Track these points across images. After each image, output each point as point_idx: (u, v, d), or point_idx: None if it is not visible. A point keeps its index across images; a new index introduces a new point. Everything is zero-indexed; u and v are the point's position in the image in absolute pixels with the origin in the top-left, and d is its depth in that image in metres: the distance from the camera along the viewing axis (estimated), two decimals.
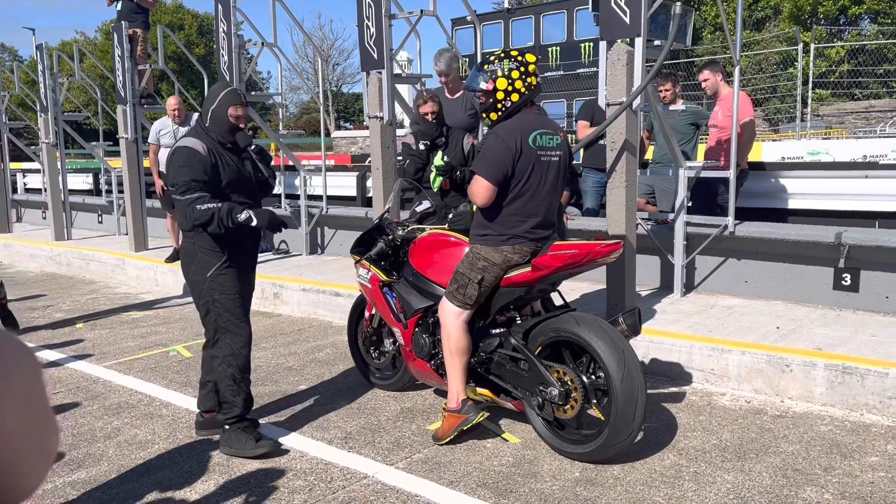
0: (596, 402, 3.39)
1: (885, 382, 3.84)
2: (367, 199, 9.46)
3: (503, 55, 3.50)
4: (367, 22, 6.19)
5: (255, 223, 3.57)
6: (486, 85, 3.47)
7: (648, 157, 7.26)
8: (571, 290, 5.50)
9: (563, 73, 21.26)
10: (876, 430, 3.72)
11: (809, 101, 16.42)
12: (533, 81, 3.47)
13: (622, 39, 4.81)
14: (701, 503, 3.04)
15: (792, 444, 3.58)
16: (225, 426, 3.68)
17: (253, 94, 8.43)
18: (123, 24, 8.70)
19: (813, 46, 17.43)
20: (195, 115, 8.27)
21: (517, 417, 3.87)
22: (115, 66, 8.88)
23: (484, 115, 3.60)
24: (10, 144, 12.04)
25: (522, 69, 3.45)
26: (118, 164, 9.88)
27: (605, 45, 4.87)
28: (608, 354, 3.25)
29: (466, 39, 21.45)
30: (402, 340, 4.09)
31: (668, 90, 6.49)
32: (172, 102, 7.93)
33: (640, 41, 4.67)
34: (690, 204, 5.56)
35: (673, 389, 4.38)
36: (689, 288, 5.77)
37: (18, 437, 0.56)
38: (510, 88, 3.44)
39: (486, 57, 3.61)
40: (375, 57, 6.20)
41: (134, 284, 8.42)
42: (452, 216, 4.08)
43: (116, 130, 9.08)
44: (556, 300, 3.89)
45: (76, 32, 53.14)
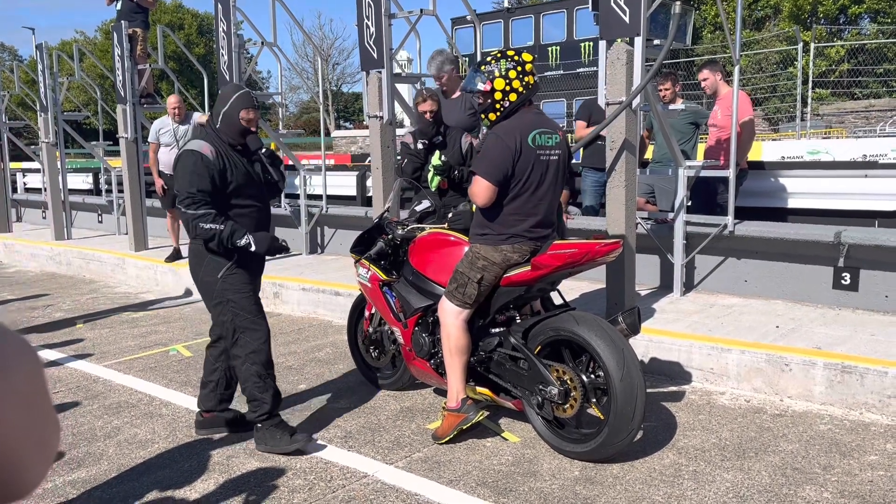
0: (595, 401, 3.40)
1: (884, 381, 3.84)
2: (366, 198, 9.46)
3: (500, 55, 3.50)
4: (366, 21, 6.19)
5: (253, 249, 3.54)
6: (483, 86, 3.47)
7: (648, 156, 7.26)
8: (571, 289, 5.50)
9: (562, 72, 21.25)
10: (875, 428, 3.72)
11: (809, 100, 16.42)
12: (530, 80, 3.48)
13: (622, 39, 4.81)
14: (700, 502, 3.04)
15: (791, 442, 3.59)
16: (257, 424, 3.66)
17: (253, 93, 8.41)
18: (123, 23, 8.70)
19: (813, 46, 17.44)
20: (195, 114, 8.29)
21: (517, 416, 3.88)
22: (114, 65, 8.88)
23: (483, 115, 3.59)
24: (9, 144, 12.04)
25: (520, 68, 3.45)
26: (118, 163, 9.88)
27: (604, 44, 4.87)
28: (608, 353, 3.25)
29: (466, 39, 21.45)
30: (401, 340, 4.09)
31: (667, 89, 6.50)
32: (173, 101, 7.93)
33: (639, 40, 4.67)
34: (690, 203, 5.57)
35: (672, 388, 4.38)
36: (688, 287, 5.78)
37: (20, 433, 0.56)
38: (508, 88, 3.44)
39: (482, 58, 3.61)
40: (375, 56, 6.20)
41: (134, 284, 8.42)
42: (452, 215, 4.08)
43: (116, 130, 9.09)
44: (555, 299, 3.90)
45: (76, 32, 53.15)
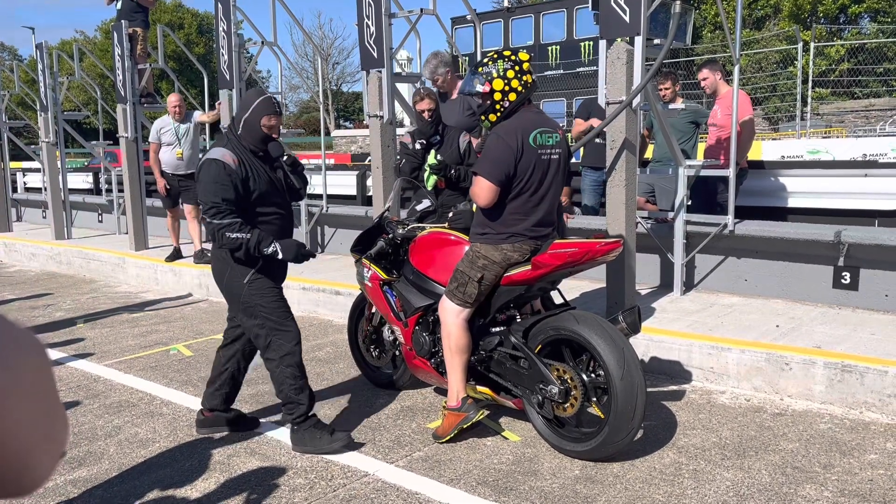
0: (596, 400, 3.40)
1: (884, 380, 3.85)
2: (367, 197, 9.47)
3: (496, 56, 3.50)
4: (366, 21, 6.19)
5: (280, 256, 3.52)
6: (482, 87, 3.47)
7: (648, 155, 7.26)
8: (571, 288, 5.50)
9: (562, 71, 21.26)
10: (875, 427, 3.73)
11: (809, 99, 16.43)
12: (528, 79, 3.48)
13: (622, 38, 4.81)
14: (701, 501, 3.05)
15: (791, 441, 3.59)
16: (294, 426, 3.65)
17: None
18: (123, 22, 8.71)
19: (813, 45, 17.43)
20: (196, 112, 8.29)
21: (517, 415, 3.88)
22: (114, 64, 8.88)
23: (483, 117, 3.58)
24: (9, 143, 12.04)
25: (517, 68, 3.45)
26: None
27: (604, 43, 4.87)
28: (608, 353, 3.26)
29: (466, 38, 21.46)
30: (402, 339, 4.09)
31: (667, 89, 6.50)
32: (173, 100, 7.93)
33: (639, 40, 4.67)
34: (690, 202, 5.57)
35: (672, 387, 4.39)
36: (688, 286, 5.78)
37: (28, 428, 0.57)
38: (507, 88, 3.44)
39: (480, 60, 3.61)
40: (375, 56, 6.21)
41: (134, 283, 8.43)
42: (452, 215, 4.08)
43: (116, 129, 9.09)
44: (555, 298, 3.90)
45: (76, 31, 53.17)
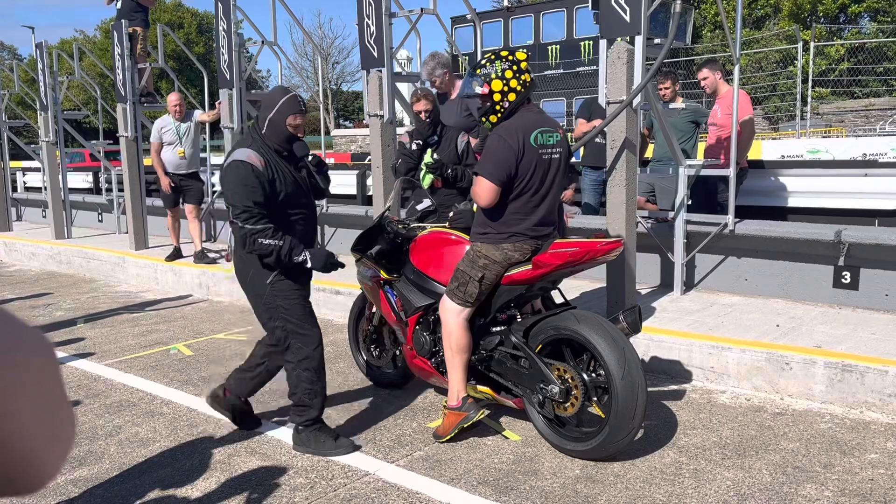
0: (596, 399, 3.40)
1: (884, 380, 3.85)
2: (367, 197, 9.47)
3: (494, 57, 3.50)
4: (367, 20, 6.19)
5: (309, 266, 3.47)
6: (481, 89, 3.48)
7: (648, 155, 7.27)
8: (571, 288, 5.50)
9: (562, 71, 21.26)
10: (875, 427, 3.73)
11: (809, 99, 16.42)
12: (527, 78, 3.48)
13: (622, 38, 4.81)
14: (701, 500, 3.05)
15: (792, 441, 3.59)
16: (299, 427, 3.65)
17: (252, 92, 8.43)
18: (123, 22, 8.70)
19: (812, 45, 17.43)
20: (196, 111, 8.29)
21: (517, 415, 3.88)
22: (114, 64, 8.88)
23: (483, 118, 3.58)
24: (9, 143, 12.04)
25: (515, 68, 3.44)
26: (118, 162, 9.88)
27: (605, 43, 4.87)
28: (609, 352, 3.26)
29: (466, 38, 21.46)
30: (402, 338, 4.09)
31: (667, 88, 6.51)
32: (173, 99, 7.93)
33: (640, 39, 4.67)
34: (690, 202, 5.57)
35: (673, 387, 4.39)
36: (689, 286, 5.78)
37: (34, 426, 0.57)
38: (506, 89, 3.44)
39: (477, 61, 3.61)
40: (376, 55, 6.21)
41: (134, 283, 8.43)
42: (453, 214, 4.08)
43: (116, 129, 9.09)
44: (556, 298, 3.90)
45: (75, 31, 53.19)
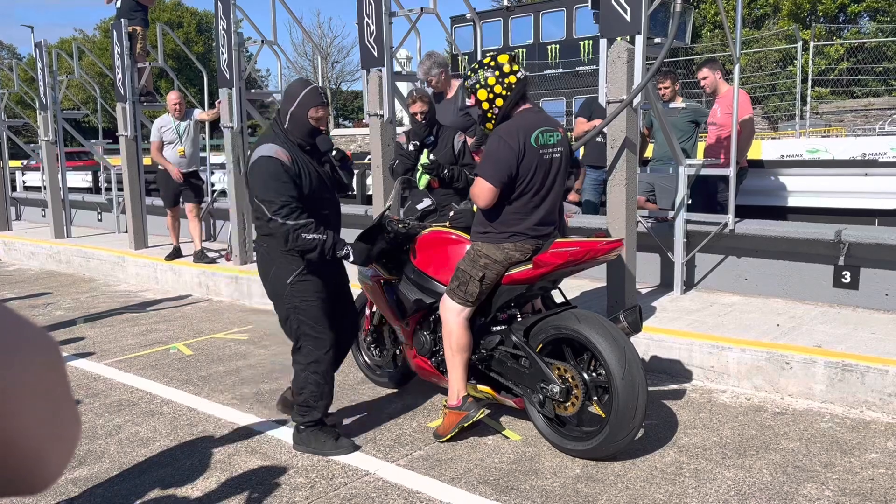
0: (597, 399, 3.40)
1: (884, 380, 3.85)
2: (366, 196, 9.46)
3: (477, 66, 3.56)
4: (367, 20, 6.18)
5: (351, 260, 3.48)
6: (469, 101, 3.57)
7: (648, 154, 7.26)
8: (571, 287, 5.50)
9: (562, 70, 21.25)
10: (876, 427, 3.73)
11: (809, 98, 16.41)
12: (512, 80, 3.48)
13: (622, 37, 4.81)
14: (702, 500, 3.05)
15: (792, 441, 3.59)
16: (300, 426, 3.64)
17: (252, 91, 8.42)
18: (122, 21, 8.69)
19: (812, 44, 17.42)
20: (196, 110, 8.28)
21: (518, 414, 3.88)
22: (114, 63, 8.87)
23: (482, 126, 3.66)
24: (8, 142, 12.03)
25: (497, 72, 3.47)
26: (118, 161, 9.88)
27: (605, 42, 4.87)
28: (609, 351, 3.26)
29: (466, 37, 21.44)
30: (402, 338, 4.09)
31: (667, 88, 6.51)
32: (173, 98, 7.92)
33: (640, 39, 4.67)
34: (690, 202, 5.57)
35: (673, 387, 4.39)
36: (689, 285, 5.78)
37: (39, 426, 0.56)
38: (491, 96, 3.49)
39: (466, 73, 3.69)
40: (375, 55, 6.20)
41: (134, 282, 8.42)
42: (454, 214, 4.08)
43: (116, 128, 9.08)
44: (556, 297, 3.90)
45: (75, 30, 53.14)
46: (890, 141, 10.72)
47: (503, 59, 3.51)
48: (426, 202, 4.54)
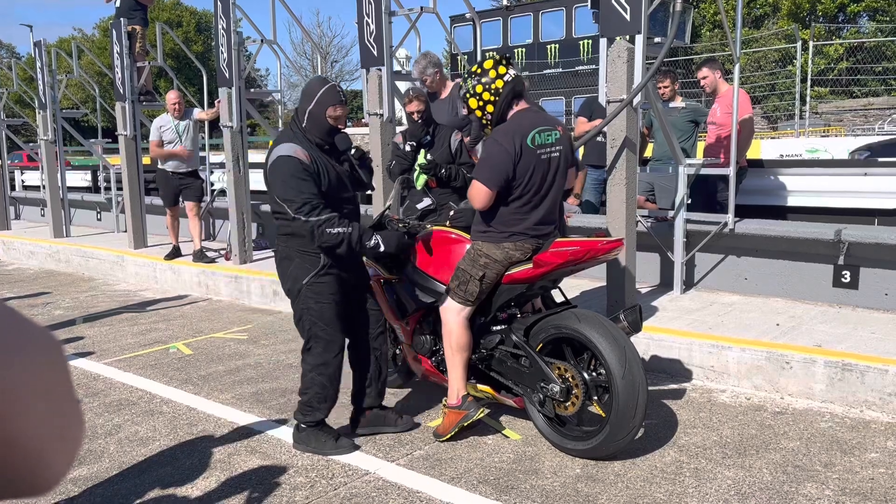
0: (597, 398, 3.40)
1: (884, 379, 3.85)
2: (366, 196, 9.45)
3: (466, 75, 3.62)
4: (366, 19, 6.18)
5: (382, 249, 3.36)
6: (464, 110, 3.68)
7: (648, 154, 7.26)
8: (571, 287, 5.50)
9: (561, 70, 21.25)
10: (876, 426, 3.73)
11: (808, 98, 16.41)
12: (499, 84, 3.49)
13: (622, 36, 4.81)
14: (702, 499, 3.05)
15: (792, 440, 3.59)
16: (301, 425, 3.63)
17: (251, 91, 8.42)
18: (122, 20, 8.68)
19: (811, 44, 17.43)
20: (195, 109, 8.27)
21: (518, 414, 3.88)
22: (113, 62, 8.86)
23: (482, 132, 3.75)
24: (8, 141, 12.01)
25: (484, 79, 3.51)
26: (117, 161, 9.87)
27: (605, 41, 4.86)
28: (609, 351, 3.25)
29: (465, 37, 21.42)
30: (402, 337, 4.09)
31: (666, 87, 6.51)
32: (172, 97, 7.91)
33: (640, 38, 4.66)
34: (690, 201, 5.57)
35: (673, 386, 4.39)
36: (688, 285, 5.78)
37: (42, 426, 0.56)
38: (481, 103, 3.54)
39: (459, 84, 3.77)
40: (375, 54, 6.20)
41: (133, 282, 8.42)
42: (454, 213, 4.08)
43: (115, 127, 9.07)
44: (556, 297, 3.89)
45: (74, 29, 53.08)
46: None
47: (488, 64, 3.53)
48: (426, 201, 4.54)
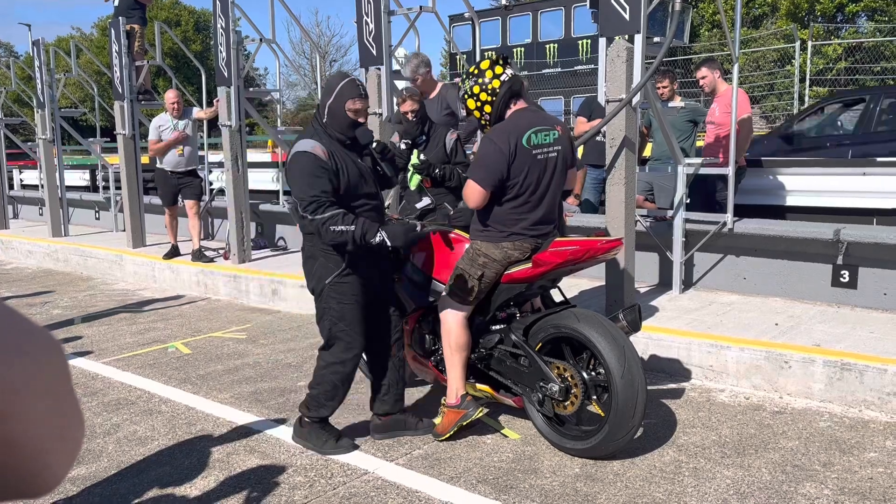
0: (596, 398, 3.40)
1: (883, 379, 3.85)
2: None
3: (464, 76, 3.64)
4: (366, 18, 6.18)
5: (389, 244, 3.29)
6: (464, 111, 3.69)
7: (647, 153, 7.26)
8: (570, 286, 5.50)
9: (560, 69, 21.25)
10: (874, 426, 3.73)
11: (807, 98, 16.41)
12: (495, 84, 3.50)
13: (621, 36, 4.81)
14: (701, 499, 3.05)
15: (791, 440, 3.59)
16: (304, 419, 3.62)
17: (250, 90, 8.41)
18: (120, 19, 8.67)
19: (810, 44, 17.44)
20: (194, 109, 8.26)
21: (517, 413, 3.88)
22: (112, 61, 8.85)
23: (482, 132, 3.79)
24: (6, 140, 12.00)
25: (480, 80, 3.53)
26: (115, 160, 9.86)
27: (604, 41, 4.86)
28: (608, 351, 3.25)
29: (464, 36, 21.42)
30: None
31: (665, 87, 6.51)
32: (171, 96, 7.90)
33: (639, 38, 4.66)
34: (689, 201, 5.57)
35: (672, 386, 4.39)
36: (687, 284, 5.78)
37: (43, 427, 0.56)
38: (479, 104, 3.56)
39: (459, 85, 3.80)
40: (374, 53, 6.20)
41: (132, 281, 8.41)
42: (453, 213, 4.08)
43: (114, 126, 9.06)
44: (556, 296, 3.89)
45: (72, 28, 52.95)
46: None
47: (485, 64, 3.55)
48: (425, 200, 4.54)
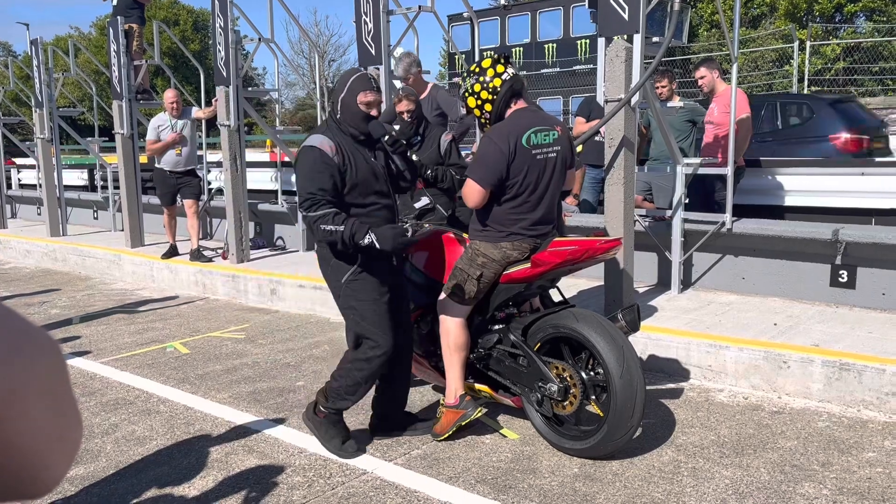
0: (595, 398, 3.40)
1: (882, 379, 3.85)
2: None
3: (465, 75, 3.64)
4: (364, 18, 6.18)
5: (378, 248, 3.19)
6: (463, 110, 3.69)
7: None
8: (569, 286, 5.50)
9: (559, 69, 21.25)
10: (873, 426, 3.74)
11: None
12: (497, 83, 3.50)
13: (620, 36, 4.81)
14: (699, 498, 3.05)
15: (790, 439, 3.59)
16: (321, 408, 3.58)
17: (249, 89, 8.41)
18: (119, 18, 8.67)
19: (808, 44, 17.45)
20: (193, 108, 8.25)
21: (516, 413, 3.88)
22: (110, 61, 8.84)
23: (482, 130, 3.79)
24: (4, 140, 11.98)
25: (481, 79, 3.53)
26: (114, 159, 9.85)
27: (603, 41, 4.86)
28: (607, 351, 3.25)
29: (463, 36, 21.41)
30: None
31: (664, 87, 6.51)
32: (170, 96, 7.89)
33: (638, 37, 4.67)
34: (688, 201, 5.57)
35: (671, 386, 4.39)
36: (686, 284, 5.78)
37: (42, 428, 0.56)
38: (479, 102, 3.55)
39: (459, 83, 3.80)
40: (373, 53, 6.20)
41: (130, 280, 8.40)
42: (454, 212, 4.08)
43: (112, 126, 9.05)
44: (554, 296, 3.89)
45: (71, 27, 52.88)
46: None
47: (486, 63, 3.56)
48: (424, 200, 4.54)
